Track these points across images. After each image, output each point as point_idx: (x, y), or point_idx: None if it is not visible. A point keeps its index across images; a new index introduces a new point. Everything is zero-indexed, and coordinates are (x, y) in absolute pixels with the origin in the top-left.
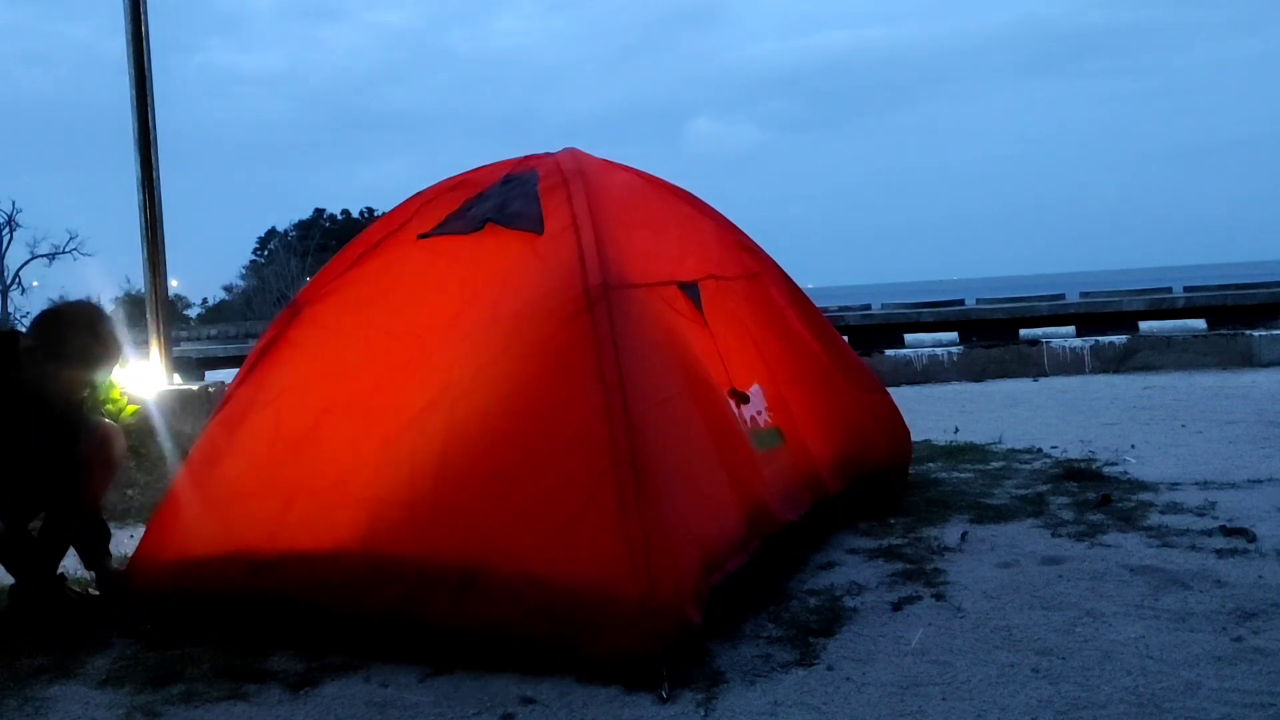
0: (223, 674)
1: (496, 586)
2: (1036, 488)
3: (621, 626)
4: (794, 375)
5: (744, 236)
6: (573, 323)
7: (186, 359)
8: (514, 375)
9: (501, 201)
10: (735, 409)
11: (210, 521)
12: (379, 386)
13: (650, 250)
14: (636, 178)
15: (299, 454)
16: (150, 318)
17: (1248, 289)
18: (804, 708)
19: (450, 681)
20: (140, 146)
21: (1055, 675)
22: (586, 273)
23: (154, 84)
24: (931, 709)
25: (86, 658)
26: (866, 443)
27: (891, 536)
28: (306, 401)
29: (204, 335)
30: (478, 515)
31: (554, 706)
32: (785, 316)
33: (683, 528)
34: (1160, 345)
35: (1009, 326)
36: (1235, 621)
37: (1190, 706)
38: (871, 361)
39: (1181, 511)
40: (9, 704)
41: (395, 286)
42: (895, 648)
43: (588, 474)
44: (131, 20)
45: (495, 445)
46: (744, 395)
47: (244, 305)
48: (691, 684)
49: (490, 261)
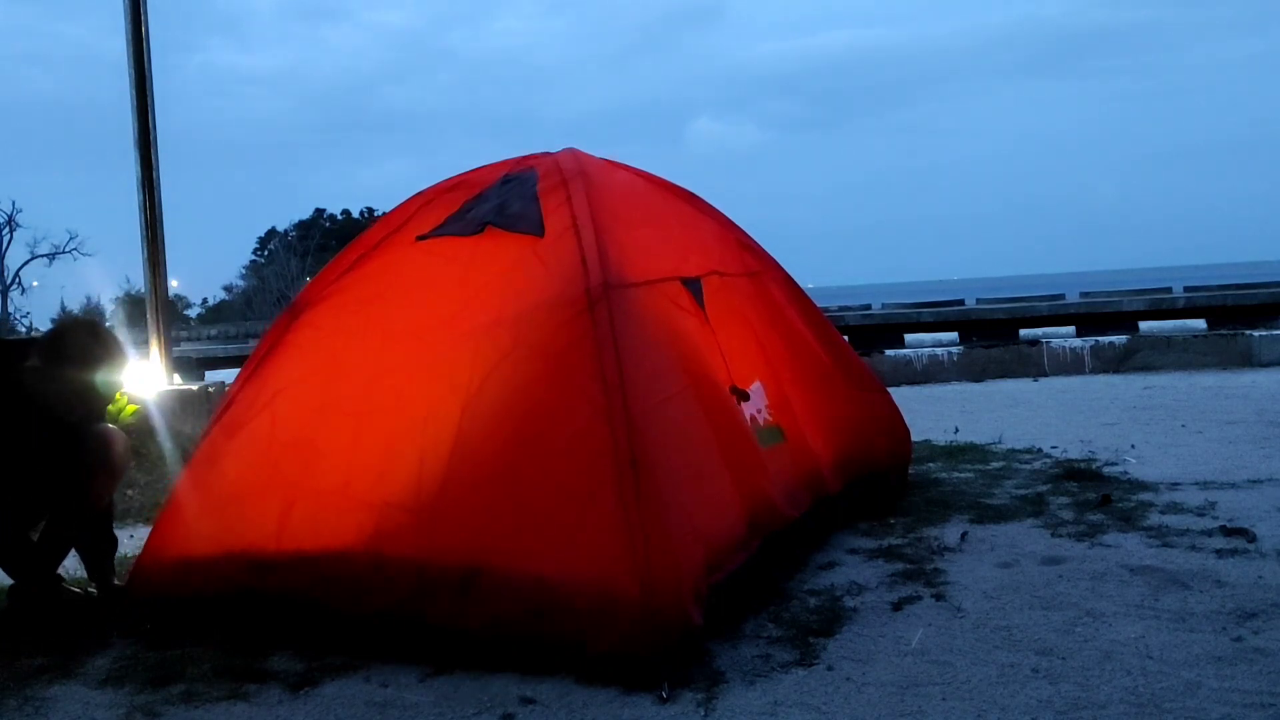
0: (223, 674)
1: (498, 586)
2: (1036, 488)
3: (622, 626)
4: (795, 373)
5: (744, 235)
6: (573, 324)
7: (186, 359)
8: (516, 377)
9: (501, 203)
10: (737, 406)
11: (212, 523)
12: (381, 389)
13: (652, 248)
14: (636, 177)
15: (301, 456)
16: (150, 318)
17: (1248, 289)
18: (804, 708)
19: (450, 681)
20: (140, 146)
21: (1055, 675)
22: (588, 273)
23: (154, 84)
24: (931, 709)
25: (87, 658)
26: (866, 442)
27: (892, 536)
28: (308, 404)
29: (204, 335)
30: (480, 516)
31: (554, 707)
32: (786, 315)
33: (685, 526)
34: (1160, 345)
35: (1009, 326)
36: (1235, 621)
37: (1190, 707)
38: (871, 361)
39: (1182, 511)
40: (9, 704)
41: (395, 289)
42: (895, 648)
43: (589, 475)
44: (131, 20)
45: (498, 447)
46: (744, 393)
47: (244, 305)
48: (691, 684)
49: (491, 264)
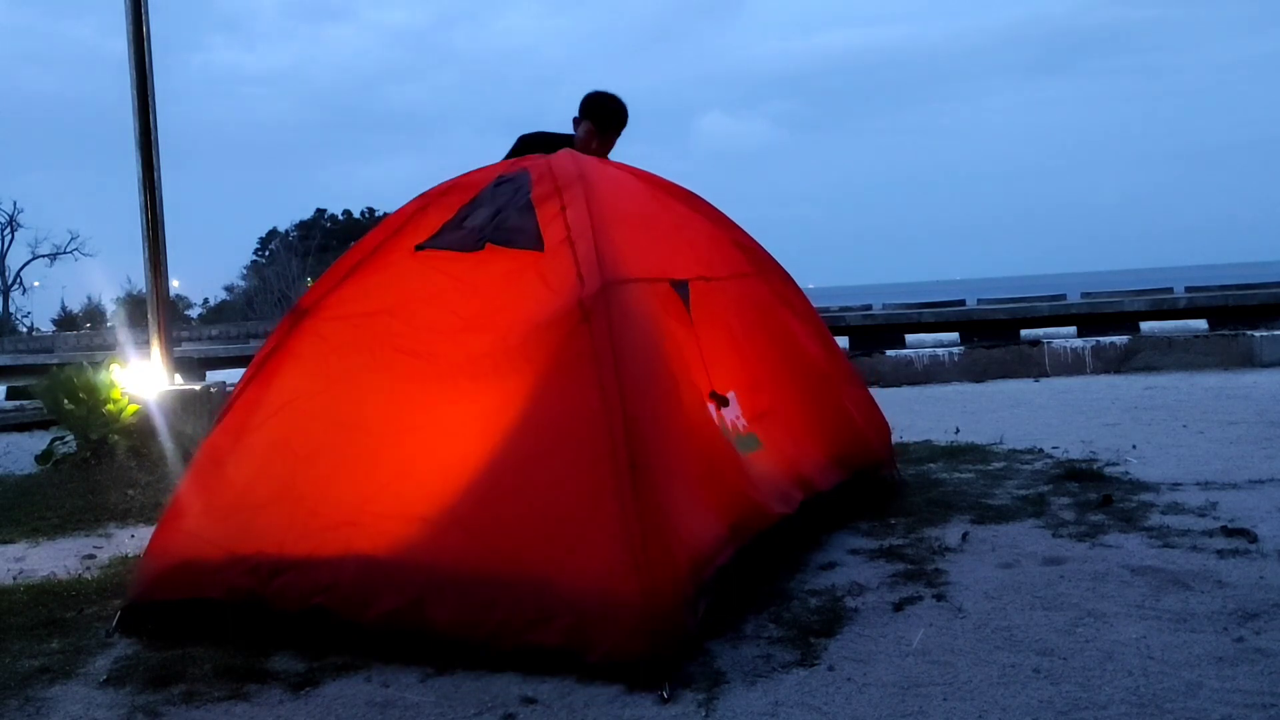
0: (224, 674)
1: (502, 594)
2: (1038, 488)
3: (623, 628)
4: (783, 375)
5: (741, 234)
6: (573, 336)
7: (187, 359)
8: (520, 391)
9: (496, 210)
10: (715, 412)
11: (218, 528)
12: (384, 399)
13: (644, 248)
14: (630, 175)
15: (303, 464)
16: (151, 318)
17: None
18: (805, 708)
19: (451, 681)
20: (141, 146)
21: (1056, 676)
22: (583, 283)
23: (155, 83)
24: (933, 709)
25: (88, 658)
26: (861, 438)
27: (892, 537)
28: (312, 413)
29: (205, 335)
30: (487, 525)
31: (555, 707)
32: (778, 315)
33: (679, 528)
34: (1162, 346)
35: (1010, 327)
36: (1237, 622)
37: (1191, 707)
38: (873, 362)
39: (1183, 512)
40: (10, 704)
41: (400, 304)
42: (896, 648)
43: (590, 484)
44: (133, 19)
45: (502, 456)
46: (724, 398)
47: (245, 305)
48: (692, 684)
49: (492, 282)
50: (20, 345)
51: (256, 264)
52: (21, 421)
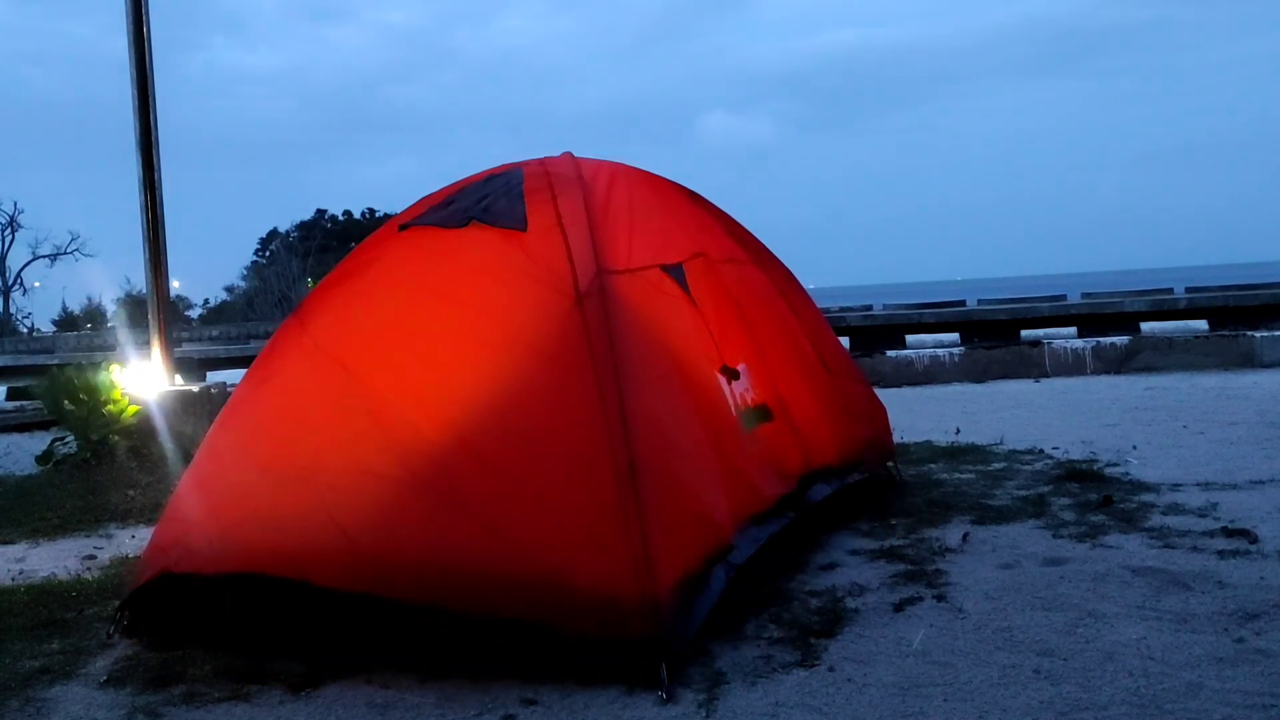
0: (224, 675)
1: (497, 585)
2: (1038, 489)
3: (621, 624)
4: (784, 355)
5: (735, 225)
6: (564, 320)
7: (188, 360)
8: (511, 373)
9: (484, 197)
10: (726, 385)
11: (216, 527)
12: (384, 390)
13: (634, 237)
14: (621, 170)
15: (305, 462)
16: (152, 318)
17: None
18: (805, 708)
19: (452, 682)
20: (142, 147)
21: (1057, 676)
22: (575, 269)
23: (156, 84)
24: (933, 710)
25: (88, 658)
26: (849, 432)
27: (893, 537)
28: (310, 407)
29: (205, 336)
30: (481, 513)
31: (555, 708)
32: (775, 301)
33: (677, 518)
34: (1162, 346)
35: (1010, 327)
36: (1237, 623)
37: (1192, 708)
38: (873, 362)
39: (1183, 513)
40: (11, 704)
41: (382, 282)
42: (897, 649)
43: (586, 471)
44: (133, 19)
45: (496, 443)
46: (735, 371)
47: (245, 306)
48: (693, 684)
49: (474, 256)
50: (21, 346)
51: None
52: (22, 422)
